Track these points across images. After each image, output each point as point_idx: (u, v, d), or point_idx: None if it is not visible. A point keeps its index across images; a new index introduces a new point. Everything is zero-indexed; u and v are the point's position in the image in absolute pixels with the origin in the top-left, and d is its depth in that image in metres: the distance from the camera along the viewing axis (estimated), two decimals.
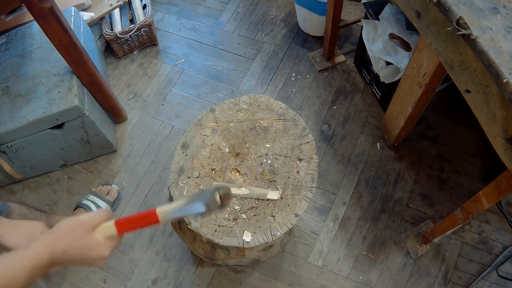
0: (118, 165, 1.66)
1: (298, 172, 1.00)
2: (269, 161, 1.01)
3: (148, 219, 0.69)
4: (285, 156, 1.02)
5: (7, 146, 1.37)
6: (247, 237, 0.91)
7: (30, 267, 0.60)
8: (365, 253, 1.44)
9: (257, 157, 1.02)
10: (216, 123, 1.07)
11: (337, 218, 1.50)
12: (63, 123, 1.39)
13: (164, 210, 0.69)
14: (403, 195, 1.54)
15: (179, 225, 1.08)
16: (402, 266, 1.41)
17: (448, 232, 1.29)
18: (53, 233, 0.65)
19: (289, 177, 0.99)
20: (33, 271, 0.60)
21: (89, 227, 0.67)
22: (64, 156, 1.58)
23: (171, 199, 1.01)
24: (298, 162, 1.01)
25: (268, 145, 1.03)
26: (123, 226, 0.69)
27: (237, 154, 1.02)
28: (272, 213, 0.94)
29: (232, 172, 1.00)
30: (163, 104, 1.80)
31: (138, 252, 1.47)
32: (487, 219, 1.48)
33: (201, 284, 1.40)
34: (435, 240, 1.41)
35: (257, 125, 1.06)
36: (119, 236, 0.69)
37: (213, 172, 1.00)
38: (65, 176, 1.64)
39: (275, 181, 0.98)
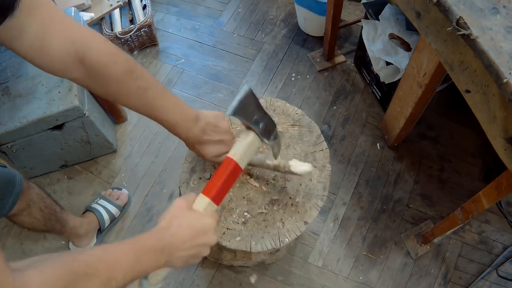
0: (118, 166, 1.66)
1: (310, 179, 0.98)
2: None
3: (229, 170, 0.72)
4: None
5: (7, 146, 1.37)
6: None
7: (134, 250, 0.60)
8: (365, 253, 1.44)
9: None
10: (231, 125, 1.06)
11: (337, 218, 1.50)
12: (63, 124, 1.39)
13: (234, 152, 0.73)
14: (403, 195, 1.54)
15: None
16: (402, 266, 1.41)
17: (448, 232, 1.29)
18: (158, 223, 0.68)
19: (300, 184, 0.97)
20: (139, 255, 0.60)
21: (188, 206, 0.71)
22: (64, 157, 1.58)
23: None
24: None
25: (282, 151, 1.02)
26: (210, 190, 0.72)
27: None
28: (281, 219, 0.94)
29: (244, 176, 0.99)
30: None
31: None
32: (487, 219, 1.48)
33: (201, 284, 1.40)
34: (435, 240, 1.41)
35: None
36: (214, 204, 0.73)
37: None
38: (65, 176, 1.64)
39: (286, 187, 0.97)
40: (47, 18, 0.64)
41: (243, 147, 0.76)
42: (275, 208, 0.95)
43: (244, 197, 0.96)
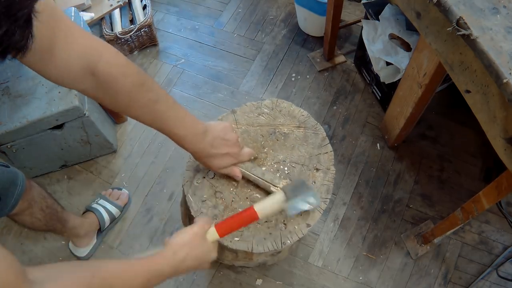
0: (118, 166, 1.66)
1: (314, 182, 0.98)
2: (285, 168, 0.99)
3: (248, 219, 0.77)
4: (302, 165, 1.00)
5: (7, 146, 1.37)
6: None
7: (147, 273, 0.65)
8: (365, 253, 1.44)
9: (274, 163, 1.00)
10: (236, 125, 1.05)
11: (337, 219, 1.50)
12: (63, 124, 1.39)
13: (263, 208, 0.76)
14: (403, 196, 1.54)
15: (190, 223, 1.07)
16: (402, 266, 1.41)
17: (448, 233, 1.29)
18: (171, 247, 0.71)
19: None
20: (150, 277, 0.65)
21: (203, 236, 0.76)
22: (64, 157, 1.58)
23: (184, 198, 1.01)
24: (315, 172, 0.99)
25: (286, 152, 1.02)
26: (224, 230, 0.77)
27: (255, 159, 1.00)
28: (284, 221, 0.93)
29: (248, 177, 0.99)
30: None
31: (138, 252, 1.47)
32: (487, 219, 1.48)
33: (201, 284, 1.40)
34: (435, 241, 1.41)
35: (277, 130, 1.04)
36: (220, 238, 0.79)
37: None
38: (65, 177, 1.64)
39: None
40: (58, 30, 0.64)
41: (271, 209, 0.78)
42: None
43: (247, 198, 0.96)
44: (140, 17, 1.89)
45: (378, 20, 1.44)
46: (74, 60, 0.67)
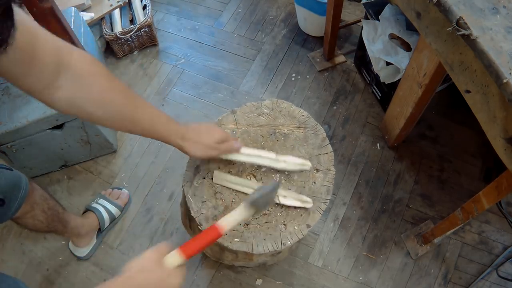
0: (118, 166, 1.66)
1: (314, 182, 0.98)
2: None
3: (212, 237, 0.72)
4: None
5: (7, 146, 1.37)
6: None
7: None
8: (365, 253, 1.44)
9: None
10: (236, 125, 1.05)
11: (337, 219, 1.50)
12: (63, 124, 1.39)
13: (226, 224, 0.73)
14: (403, 196, 1.54)
15: (190, 224, 1.07)
16: (402, 266, 1.41)
17: (448, 233, 1.29)
18: (123, 274, 0.65)
19: (304, 187, 0.97)
20: None
21: (158, 260, 0.67)
22: (64, 157, 1.58)
23: (184, 198, 1.01)
24: (315, 172, 0.99)
25: (286, 153, 1.01)
26: (188, 251, 0.69)
27: None
28: (284, 221, 0.93)
29: (248, 177, 0.99)
30: (163, 105, 1.80)
31: (138, 252, 1.47)
32: (487, 219, 1.48)
33: (201, 284, 1.40)
34: (435, 241, 1.41)
35: (277, 131, 1.04)
36: (185, 262, 0.69)
37: (229, 174, 0.99)
38: (65, 177, 1.64)
39: (289, 189, 0.97)
40: (32, 31, 0.63)
41: (236, 222, 0.75)
42: (277, 210, 0.94)
43: None
44: (140, 17, 1.89)
45: (378, 20, 1.44)
46: (47, 59, 0.66)
